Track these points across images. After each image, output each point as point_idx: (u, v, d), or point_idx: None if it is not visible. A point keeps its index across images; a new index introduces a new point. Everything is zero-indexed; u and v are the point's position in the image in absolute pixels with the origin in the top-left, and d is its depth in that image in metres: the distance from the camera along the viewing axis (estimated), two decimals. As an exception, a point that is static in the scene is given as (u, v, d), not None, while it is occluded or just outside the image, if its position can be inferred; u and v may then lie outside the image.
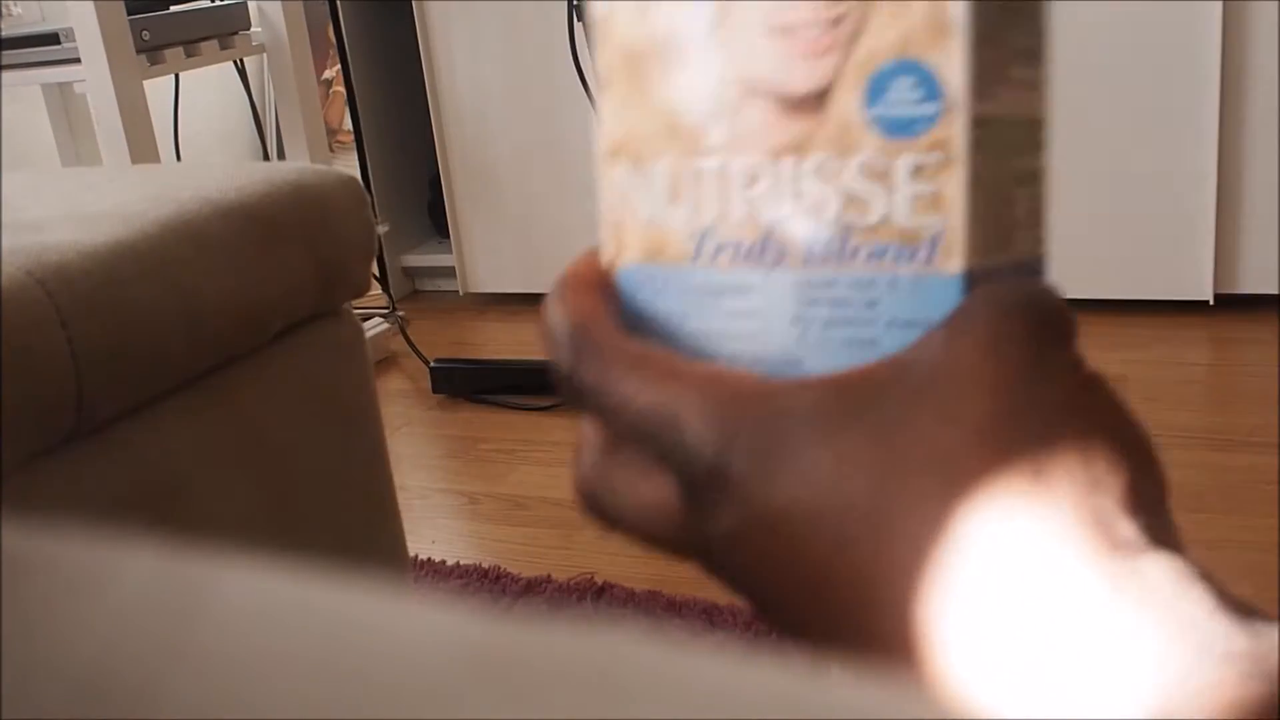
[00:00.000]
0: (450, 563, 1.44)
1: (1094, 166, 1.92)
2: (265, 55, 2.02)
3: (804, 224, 0.30)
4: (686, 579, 1.35)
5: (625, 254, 0.33)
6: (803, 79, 0.30)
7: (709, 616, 1.26)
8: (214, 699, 0.13)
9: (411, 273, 2.63)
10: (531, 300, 2.41)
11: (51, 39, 1.72)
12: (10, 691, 0.13)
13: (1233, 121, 1.89)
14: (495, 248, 2.41)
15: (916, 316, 0.29)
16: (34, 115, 2.30)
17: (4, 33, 1.77)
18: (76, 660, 0.14)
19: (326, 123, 2.61)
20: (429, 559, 1.45)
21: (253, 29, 2.01)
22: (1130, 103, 1.92)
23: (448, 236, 2.44)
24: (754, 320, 0.31)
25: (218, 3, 2.01)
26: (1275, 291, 1.94)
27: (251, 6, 2.01)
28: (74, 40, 1.67)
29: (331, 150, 2.57)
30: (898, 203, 0.29)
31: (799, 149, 0.30)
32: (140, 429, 0.75)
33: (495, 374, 1.98)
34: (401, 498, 1.04)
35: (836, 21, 0.29)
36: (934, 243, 0.29)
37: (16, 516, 0.64)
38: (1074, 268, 1.80)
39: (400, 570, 1.02)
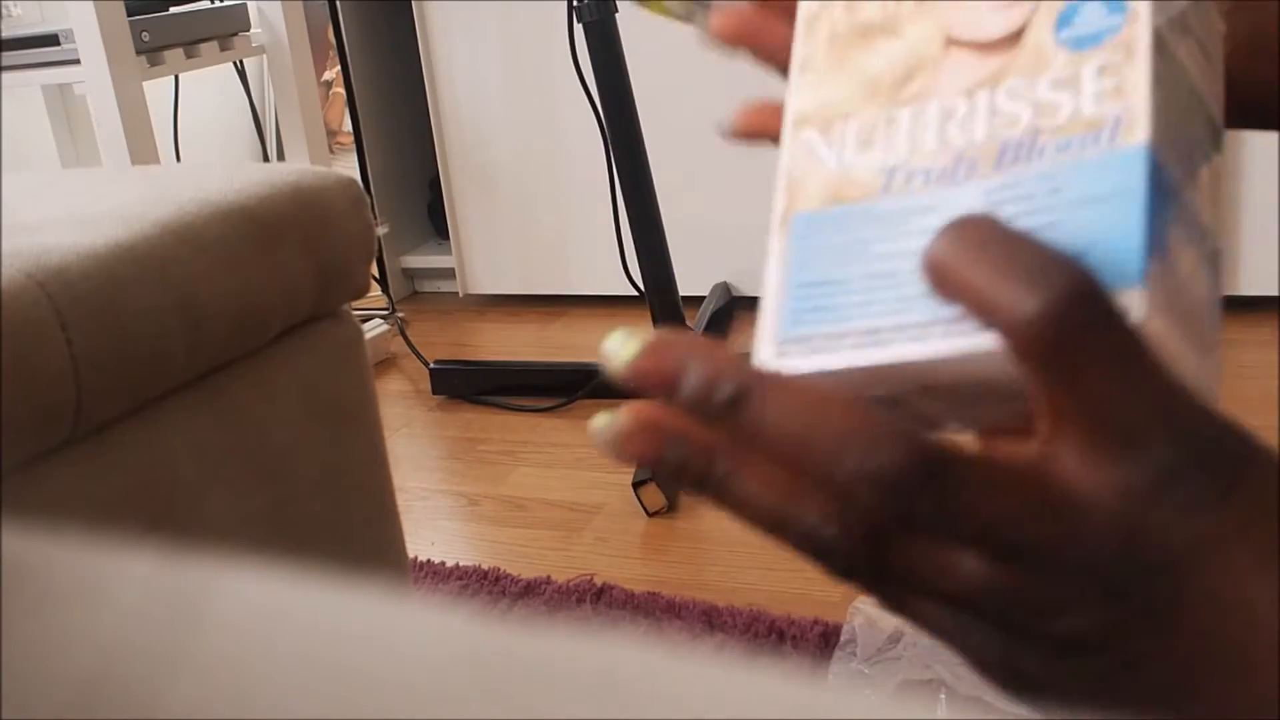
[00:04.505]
0: (450, 564, 1.44)
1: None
2: (265, 56, 2.02)
3: (995, 139, 0.32)
4: (686, 581, 1.36)
5: (801, 203, 0.35)
6: (1001, 25, 0.33)
7: (708, 618, 1.26)
8: (214, 701, 0.13)
9: (411, 274, 2.63)
10: (531, 301, 2.41)
11: (51, 40, 1.72)
12: (10, 693, 0.13)
13: (1232, 123, 1.89)
14: (495, 249, 2.41)
15: (1099, 191, 0.30)
16: (34, 116, 2.30)
17: (4, 34, 1.77)
18: (76, 663, 0.14)
19: (326, 124, 2.61)
20: (428, 560, 1.45)
21: (252, 30, 2.01)
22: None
23: (447, 238, 2.44)
24: None
25: (217, 4, 2.01)
26: (1275, 293, 1.93)
27: (251, 8, 2.01)
28: (74, 41, 1.67)
29: (331, 151, 2.57)
30: (1084, 99, 0.31)
31: (994, 80, 0.33)
32: (140, 430, 0.75)
33: (495, 375, 1.98)
34: (401, 499, 1.04)
35: None
36: (1116, 124, 0.30)
37: (16, 519, 0.64)
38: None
39: (400, 572, 1.02)
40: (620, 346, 0.30)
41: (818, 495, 0.29)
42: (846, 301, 0.32)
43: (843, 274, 0.33)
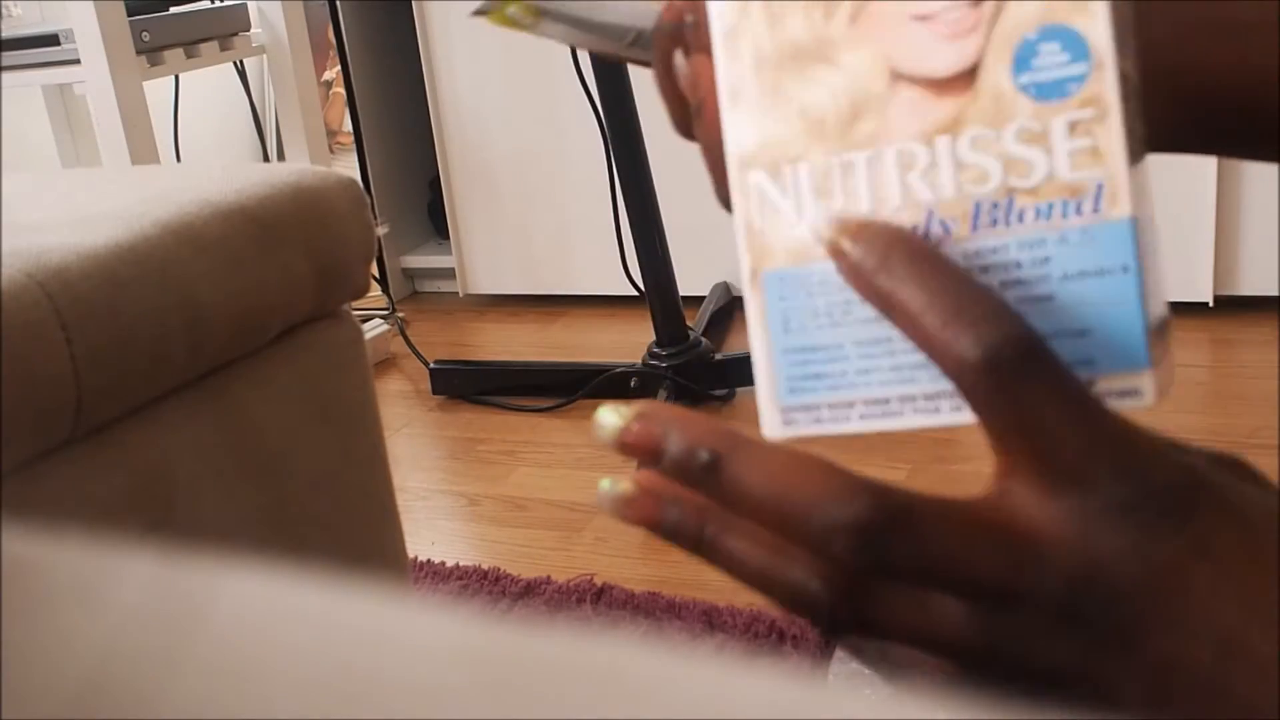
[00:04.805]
0: (450, 564, 1.44)
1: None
2: (265, 56, 2.02)
3: (967, 197, 0.31)
4: (686, 581, 1.36)
5: (770, 260, 0.33)
6: (950, 61, 0.31)
7: (708, 618, 1.26)
8: (214, 702, 0.13)
9: (411, 274, 2.63)
10: (531, 301, 2.41)
11: (51, 40, 1.72)
12: (10, 693, 0.13)
13: (1232, 123, 1.89)
14: (495, 249, 2.41)
15: (1090, 267, 0.30)
16: (34, 116, 2.30)
17: (4, 34, 1.77)
18: (76, 663, 0.14)
19: (326, 124, 2.61)
20: (428, 560, 1.45)
21: (253, 30, 2.01)
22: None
23: (447, 238, 2.44)
24: None
25: (217, 4, 2.01)
26: (1275, 293, 1.93)
27: (251, 7, 2.01)
28: (74, 41, 1.67)
29: (331, 151, 2.57)
30: (1058, 160, 0.30)
31: (952, 127, 0.31)
32: (139, 430, 0.75)
33: (495, 375, 1.98)
34: (401, 499, 1.04)
35: (978, 1, 0.30)
36: (1099, 192, 0.30)
37: (16, 519, 0.64)
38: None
39: (400, 572, 1.02)
40: (610, 418, 0.32)
41: (799, 552, 0.31)
42: (844, 369, 0.33)
43: (832, 339, 0.33)
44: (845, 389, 0.33)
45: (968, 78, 0.31)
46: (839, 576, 0.30)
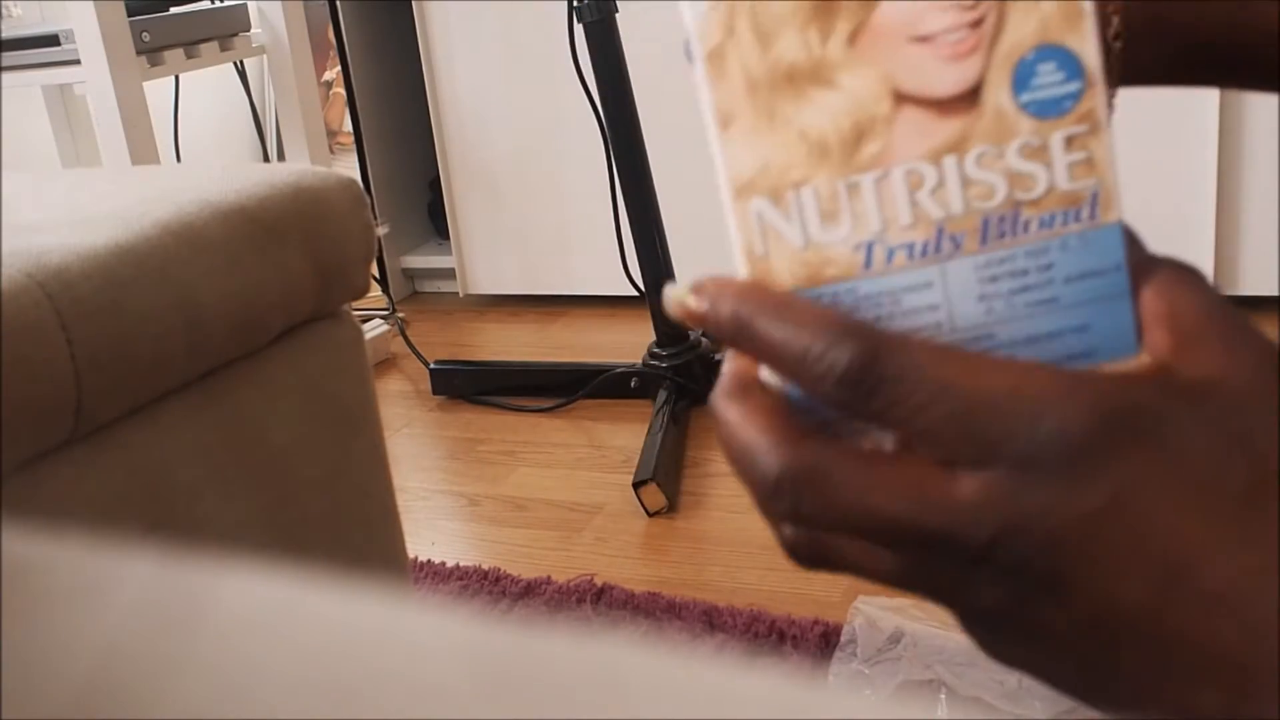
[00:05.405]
0: (450, 564, 1.44)
1: (1094, 168, 1.92)
2: (265, 57, 2.02)
3: (975, 212, 0.32)
4: (686, 581, 1.36)
5: (775, 284, 0.33)
6: (954, 81, 0.32)
7: (709, 618, 1.26)
8: (214, 702, 0.13)
9: (411, 274, 2.63)
10: (531, 301, 2.41)
11: (51, 40, 1.72)
12: (10, 693, 0.13)
13: (1233, 122, 1.89)
14: (495, 249, 2.41)
15: (1089, 268, 0.32)
16: (34, 116, 2.30)
17: (4, 34, 1.77)
18: (76, 663, 0.14)
19: (326, 124, 2.61)
20: (429, 561, 1.45)
21: (253, 30, 2.01)
22: (1130, 104, 1.91)
23: (447, 238, 2.44)
24: (939, 310, 0.33)
25: (217, 4, 2.01)
26: (1275, 293, 1.94)
27: (251, 8, 2.01)
28: (74, 42, 1.67)
29: (331, 152, 2.57)
30: (1057, 173, 0.32)
31: (958, 146, 0.32)
32: (139, 431, 0.75)
33: (495, 375, 1.98)
34: (401, 499, 1.04)
35: (977, 23, 0.31)
36: (1094, 200, 0.32)
37: (16, 519, 0.64)
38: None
39: (400, 572, 1.02)
40: (676, 291, 0.34)
41: None
42: None
43: None
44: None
45: (970, 97, 0.32)
46: (784, 523, 0.33)
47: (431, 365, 2.00)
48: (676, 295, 0.34)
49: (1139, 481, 0.28)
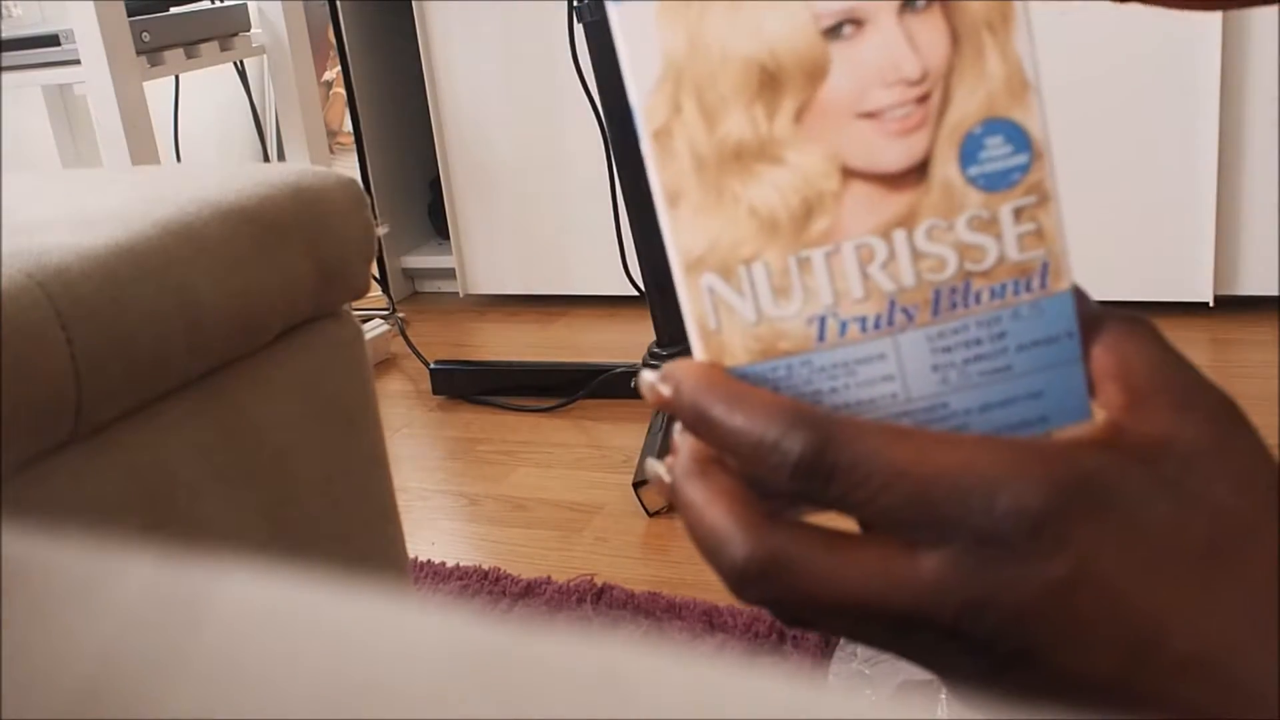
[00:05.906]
0: (450, 564, 1.44)
1: (1094, 168, 1.92)
2: (265, 57, 2.02)
3: (927, 285, 0.32)
4: (686, 581, 1.36)
5: (730, 358, 0.34)
6: (901, 157, 0.32)
7: (709, 618, 1.26)
8: (214, 702, 0.13)
9: (411, 274, 2.63)
10: (531, 301, 2.41)
11: (52, 40, 1.72)
12: (10, 694, 0.13)
13: (1232, 123, 1.89)
14: (495, 249, 2.41)
15: (1041, 336, 0.33)
16: (34, 116, 2.30)
17: (4, 34, 1.77)
18: (76, 664, 0.14)
19: (326, 124, 2.61)
20: (429, 560, 1.45)
21: (253, 30, 2.01)
22: (1130, 105, 1.92)
23: (447, 238, 2.44)
24: (894, 381, 0.33)
25: (217, 4, 2.01)
26: (1275, 293, 1.94)
27: (252, 8, 2.01)
28: (74, 42, 1.67)
29: (331, 152, 2.57)
30: (1007, 244, 0.32)
31: (907, 220, 0.32)
32: (139, 431, 0.75)
33: (495, 375, 1.98)
34: (401, 499, 1.04)
35: (923, 99, 0.31)
36: (1044, 270, 0.32)
37: (16, 519, 0.64)
38: (1074, 270, 1.79)
39: (400, 572, 1.02)
40: (648, 377, 0.34)
41: None
42: None
43: None
44: None
45: (918, 171, 0.32)
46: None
47: (431, 365, 2.00)
48: (648, 381, 0.34)
49: (1099, 550, 0.28)
